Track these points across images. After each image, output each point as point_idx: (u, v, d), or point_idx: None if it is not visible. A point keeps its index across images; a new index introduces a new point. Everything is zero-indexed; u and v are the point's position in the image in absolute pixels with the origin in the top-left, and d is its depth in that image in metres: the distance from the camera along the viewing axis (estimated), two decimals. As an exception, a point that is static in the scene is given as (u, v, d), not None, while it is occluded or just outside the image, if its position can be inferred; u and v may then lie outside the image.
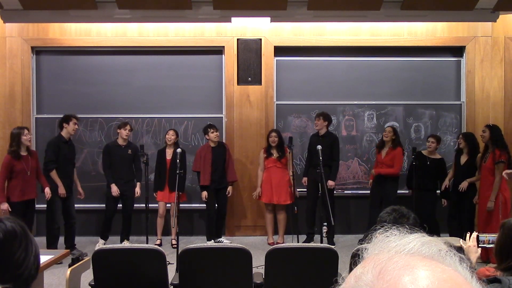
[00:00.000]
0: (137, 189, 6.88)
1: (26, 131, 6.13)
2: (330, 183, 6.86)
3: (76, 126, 6.59)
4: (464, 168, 6.56)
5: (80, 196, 6.71)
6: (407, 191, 7.09)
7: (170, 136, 6.95)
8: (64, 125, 6.49)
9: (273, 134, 6.98)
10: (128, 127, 6.80)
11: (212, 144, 6.93)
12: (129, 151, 6.81)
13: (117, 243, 6.65)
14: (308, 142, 7.23)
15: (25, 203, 6.07)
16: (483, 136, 6.36)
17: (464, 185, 6.46)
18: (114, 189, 6.68)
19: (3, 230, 1.60)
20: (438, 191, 6.83)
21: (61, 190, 6.34)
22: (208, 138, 6.93)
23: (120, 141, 6.80)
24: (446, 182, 6.74)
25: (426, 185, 6.68)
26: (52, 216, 6.42)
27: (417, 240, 0.69)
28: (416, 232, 0.71)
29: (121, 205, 6.87)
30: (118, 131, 6.81)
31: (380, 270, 0.64)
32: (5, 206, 5.92)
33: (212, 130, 6.89)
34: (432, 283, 0.61)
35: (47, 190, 6.25)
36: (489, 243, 2.97)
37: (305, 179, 7.08)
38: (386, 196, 6.79)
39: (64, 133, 6.51)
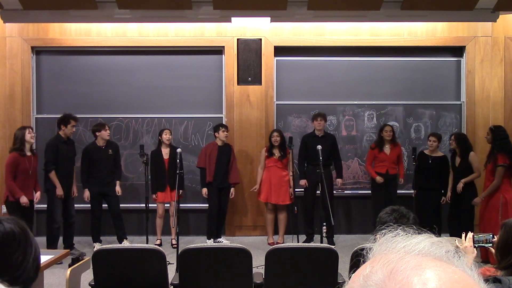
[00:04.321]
0: (117, 188, 6.76)
1: (30, 129, 6.19)
2: (339, 181, 7.05)
3: (74, 129, 6.59)
4: (460, 169, 6.54)
5: (73, 195, 6.68)
6: (407, 191, 7.10)
7: (168, 136, 6.94)
8: (62, 127, 6.49)
9: (275, 133, 6.99)
10: (107, 128, 6.76)
11: (219, 143, 6.95)
12: (110, 151, 6.76)
13: (117, 243, 6.65)
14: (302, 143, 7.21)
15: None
16: (487, 138, 6.36)
17: (459, 186, 6.46)
18: (86, 195, 6.62)
19: (0, 232, 1.60)
20: (443, 191, 6.80)
21: (59, 192, 6.34)
22: (217, 136, 6.93)
23: (100, 142, 6.72)
24: (449, 194, 6.65)
25: (430, 184, 6.68)
26: (51, 215, 6.43)
27: (427, 241, 0.69)
28: (423, 233, 0.71)
29: (106, 206, 6.80)
30: (98, 133, 6.68)
31: (391, 270, 0.64)
32: (25, 199, 5.96)
33: (223, 129, 6.93)
34: (444, 284, 0.62)
35: (37, 195, 6.26)
36: (486, 243, 2.98)
37: (304, 181, 7.02)
38: (391, 196, 6.82)
39: (62, 133, 6.52)
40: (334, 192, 7.13)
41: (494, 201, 6.13)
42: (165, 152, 6.96)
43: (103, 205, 6.82)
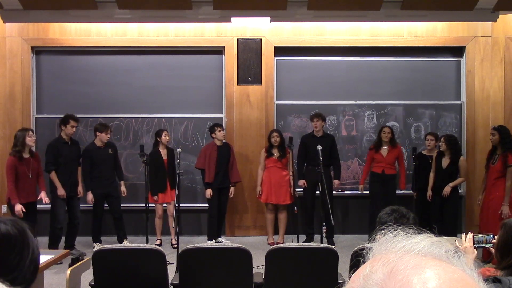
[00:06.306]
0: (123, 188, 6.82)
1: (30, 132, 6.14)
2: (337, 182, 7.03)
3: (74, 129, 6.56)
4: (447, 172, 6.52)
5: (78, 195, 6.68)
6: (406, 192, 7.10)
7: (167, 137, 6.96)
8: (62, 127, 6.50)
9: (275, 134, 6.99)
10: (109, 131, 6.76)
11: (218, 143, 6.94)
12: (110, 151, 6.76)
13: (117, 244, 6.64)
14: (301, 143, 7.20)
15: (26, 206, 6.01)
16: (492, 139, 6.19)
17: (447, 190, 6.46)
18: (89, 198, 6.59)
19: None
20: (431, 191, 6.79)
21: (60, 192, 6.33)
22: (214, 136, 6.92)
23: (99, 143, 6.71)
24: (430, 193, 6.64)
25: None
26: (54, 216, 6.42)
27: (427, 241, 0.69)
28: (423, 233, 0.72)
29: (107, 206, 6.79)
30: (98, 134, 6.65)
31: (391, 269, 0.64)
32: (19, 207, 5.88)
33: (219, 129, 6.91)
34: (444, 283, 0.62)
35: (42, 194, 6.24)
36: (486, 243, 2.98)
37: (303, 181, 7.03)
38: (389, 195, 6.79)
39: (63, 134, 6.52)
40: (334, 192, 7.13)
41: (496, 203, 6.07)
42: (164, 153, 6.96)
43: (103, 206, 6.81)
